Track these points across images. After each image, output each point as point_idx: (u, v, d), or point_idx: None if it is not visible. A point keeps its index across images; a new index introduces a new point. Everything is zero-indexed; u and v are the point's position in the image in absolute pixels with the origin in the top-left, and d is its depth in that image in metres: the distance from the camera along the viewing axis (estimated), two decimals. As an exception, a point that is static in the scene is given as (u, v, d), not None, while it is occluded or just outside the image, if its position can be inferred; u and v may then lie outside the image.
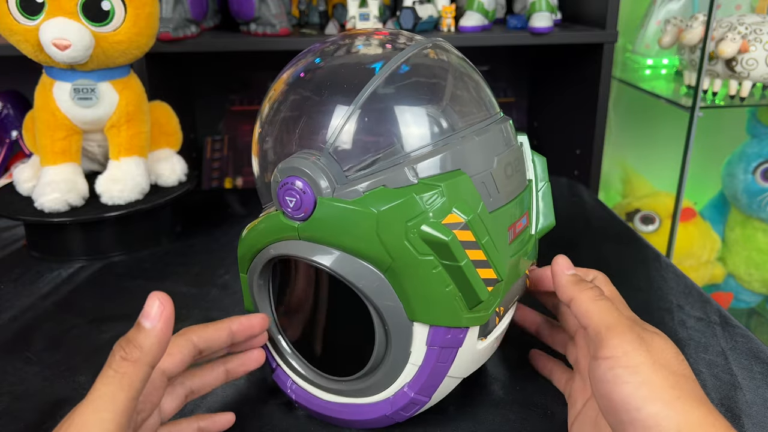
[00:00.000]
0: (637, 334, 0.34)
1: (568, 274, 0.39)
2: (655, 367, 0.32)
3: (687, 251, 1.34)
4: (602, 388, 0.33)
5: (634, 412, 0.31)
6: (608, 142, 1.24)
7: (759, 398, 0.44)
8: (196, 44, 0.97)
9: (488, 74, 1.38)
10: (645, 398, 0.31)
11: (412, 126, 0.35)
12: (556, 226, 0.43)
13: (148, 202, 0.70)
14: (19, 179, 0.73)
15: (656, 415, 0.31)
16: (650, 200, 1.40)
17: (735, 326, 0.53)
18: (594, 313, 0.35)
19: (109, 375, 0.30)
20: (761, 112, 1.32)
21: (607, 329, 0.34)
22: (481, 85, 0.40)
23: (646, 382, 0.32)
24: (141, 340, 0.31)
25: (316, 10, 1.11)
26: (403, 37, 0.40)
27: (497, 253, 0.35)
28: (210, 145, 1.31)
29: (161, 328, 0.32)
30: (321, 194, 0.35)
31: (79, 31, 0.61)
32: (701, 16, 1.11)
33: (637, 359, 0.32)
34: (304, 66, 0.39)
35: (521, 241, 0.39)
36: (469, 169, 0.35)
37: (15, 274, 0.65)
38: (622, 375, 0.32)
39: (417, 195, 0.33)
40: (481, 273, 0.34)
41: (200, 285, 0.63)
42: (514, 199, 0.38)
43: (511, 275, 0.38)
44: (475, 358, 0.39)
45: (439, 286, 0.34)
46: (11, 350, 0.51)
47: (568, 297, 0.37)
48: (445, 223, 0.33)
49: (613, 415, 0.33)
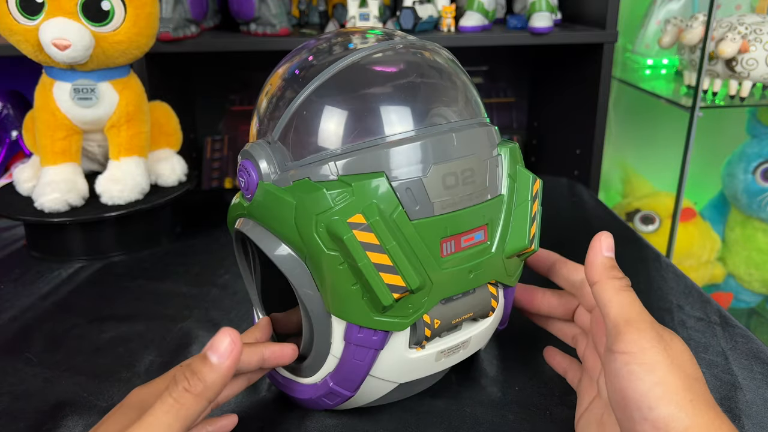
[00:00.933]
0: (656, 332, 0.33)
1: (605, 255, 0.37)
2: (672, 368, 0.32)
3: (687, 251, 1.34)
4: (616, 382, 0.33)
5: (646, 410, 0.31)
6: (608, 142, 1.24)
7: (759, 398, 0.44)
8: (196, 44, 0.97)
9: (488, 74, 1.38)
10: (659, 398, 0.31)
11: (345, 125, 0.36)
12: (555, 226, 0.43)
13: (148, 202, 0.70)
14: (19, 179, 0.73)
15: (668, 417, 0.31)
16: (650, 200, 1.40)
17: (735, 326, 0.53)
18: (615, 304, 0.35)
19: (168, 403, 0.31)
20: (761, 112, 1.32)
21: (626, 323, 0.34)
22: (453, 91, 0.39)
23: (661, 382, 0.31)
24: (206, 374, 0.31)
25: (316, 10, 1.11)
26: (397, 37, 0.40)
27: (408, 261, 0.34)
28: (210, 145, 1.31)
29: (228, 367, 0.32)
30: (262, 179, 0.37)
31: (79, 31, 0.61)
32: (701, 16, 1.11)
33: (654, 358, 0.32)
34: (290, 62, 0.41)
35: (468, 257, 0.37)
36: (393, 174, 0.34)
37: (15, 274, 0.65)
38: (637, 372, 0.32)
39: (327, 191, 0.34)
40: (386, 278, 0.34)
41: (200, 285, 0.63)
42: (456, 212, 0.36)
43: (447, 289, 0.37)
44: (413, 367, 0.39)
45: (345, 283, 0.35)
46: (11, 350, 0.51)
47: (595, 279, 0.36)
48: (349, 221, 0.33)
49: (624, 411, 0.32)
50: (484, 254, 0.37)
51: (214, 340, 0.32)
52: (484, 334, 0.42)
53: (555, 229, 0.78)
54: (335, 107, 0.36)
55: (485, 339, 0.43)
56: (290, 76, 0.39)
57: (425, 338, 0.37)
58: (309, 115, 0.36)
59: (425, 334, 0.37)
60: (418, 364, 0.39)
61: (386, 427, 0.41)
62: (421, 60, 0.39)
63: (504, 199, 0.38)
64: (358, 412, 0.43)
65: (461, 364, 0.44)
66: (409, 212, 0.34)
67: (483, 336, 0.42)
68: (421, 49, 0.40)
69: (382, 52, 0.38)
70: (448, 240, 0.36)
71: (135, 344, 0.52)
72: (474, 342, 0.41)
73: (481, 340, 0.42)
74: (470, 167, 0.36)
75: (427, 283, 0.35)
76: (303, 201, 0.35)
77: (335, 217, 0.34)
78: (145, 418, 0.30)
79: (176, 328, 0.54)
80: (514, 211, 0.39)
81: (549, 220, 0.81)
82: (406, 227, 0.34)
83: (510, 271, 0.40)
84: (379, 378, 0.39)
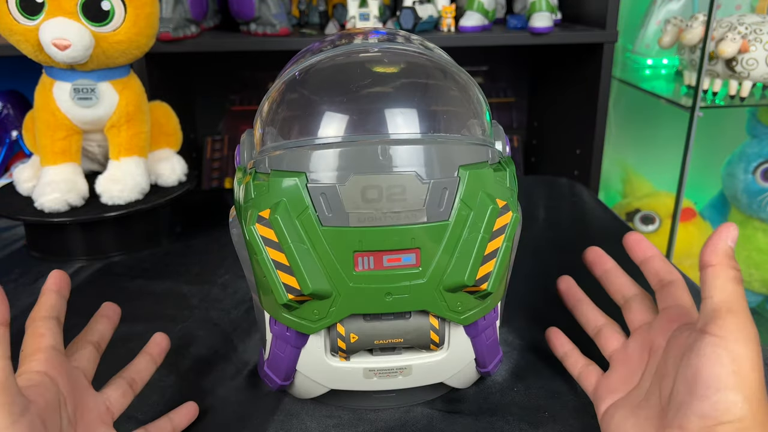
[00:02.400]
0: (754, 331, 0.34)
1: (730, 243, 0.37)
2: (754, 365, 0.33)
3: (687, 251, 1.34)
4: (695, 360, 0.33)
5: (712, 390, 0.32)
6: (608, 142, 1.24)
7: (759, 398, 0.44)
8: (196, 44, 0.97)
9: (488, 74, 1.38)
10: (729, 386, 0.32)
11: (288, 123, 0.37)
12: (555, 226, 0.43)
13: (148, 202, 0.70)
14: (19, 179, 0.73)
15: (730, 403, 0.31)
16: (650, 200, 1.40)
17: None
18: (727, 292, 0.35)
19: None
20: (761, 112, 1.32)
21: (728, 311, 0.34)
22: (418, 102, 0.36)
23: (740, 373, 0.32)
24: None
25: (316, 10, 1.11)
26: (400, 38, 0.40)
27: (308, 265, 0.34)
28: (210, 145, 1.31)
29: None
30: (239, 163, 0.40)
31: (79, 31, 0.61)
32: (701, 16, 1.11)
33: (743, 352, 0.33)
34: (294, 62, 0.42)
35: (389, 278, 0.35)
36: (313, 177, 0.34)
37: (15, 274, 0.65)
38: (722, 357, 0.32)
39: (252, 182, 0.35)
40: (282, 277, 0.34)
41: (200, 285, 0.63)
42: (376, 227, 0.33)
43: (359, 305, 0.35)
44: (338, 376, 0.39)
45: (258, 273, 0.36)
46: (11, 350, 0.51)
47: (713, 261, 0.36)
48: (260, 214, 0.34)
49: (687, 385, 0.33)
50: (411, 279, 0.35)
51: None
52: (435, 369, 0.39)
53: (555, 229, 0.78)
54: (286, 105, 0.37)
55: (447, 375, 0.40)
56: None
57: (340, 350, 0.36)
58: (269, 110, 0.38)
59: (339, 345, 0.36)
60: (343, 375, 0.39)
61: (385, 427, 0.41)
62: (396, 66, 0.37)
63: (449, 226, 0.34)
64: (357, 413, 0.43)
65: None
66: (322, 218, 0.34)
67: (435, 370, 0.39)
68: (413, 54, 0.38)
69: (354, 54, 0.38)
70: (364, 255, 0.34)
71: (135, 344, 0.52)
72: (421, 373, 0.39)
73: (433, 373, 0.40)
74: (401, 184, 0.33)
75: (331, 292, 0.34)
76: (239, 189, 0.38)
77: (251, 209, 0.35)
78: None
79: (176, 328, 0.54)
80: (462, 241, 0.35)
81: (549, 220, 0.82)
82: (313, 232, 0.34)
83: (455, 306, 0.36)
84: (307, 377, 0.40)
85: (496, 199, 0.35)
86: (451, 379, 0.41)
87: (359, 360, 0.38)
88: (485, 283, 0.35)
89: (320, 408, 0.43)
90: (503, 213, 0.35)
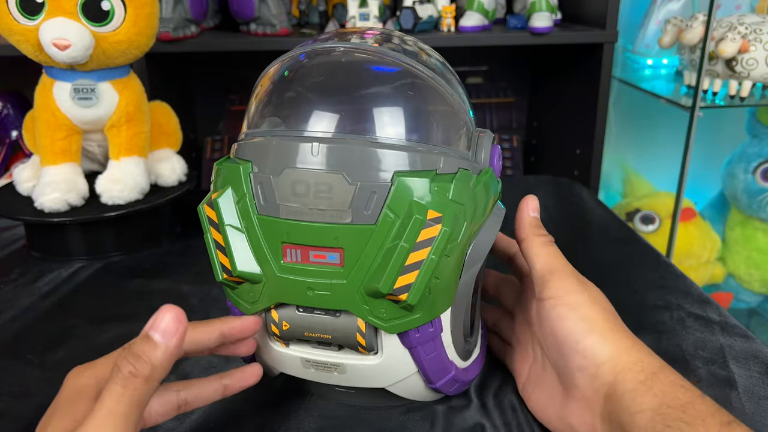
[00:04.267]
0: (577, 278, 0.38)
1: (532, 215, 0.42)
2: (592, 305, 0.37)
3: (687, 251, 1.34)
4: (547, 326, 0.38)
5: (574, 343, 0.36)
6: (608, 142, 1.24)
7: (754, 397, 0.44)
8: (196, 44, 0.97)
9: (488, 74, 1.38)
10: (584, 331, 0.36)
11: (252, 114, 0.39)
12: (555, 226, 0.43)
13: (148, 202, 0.70)
14: (19, 179, 0.73)
15: (594, 345, 0.35)
16: (650, 200, 1.40)
17: (734, 326, 0.53)
18: (542, 257, 0.39)
19: (118, 392, 0.28)
20: (761, 112, 1.32)
21: (550, 272, 0.38)
22: (372, 105, 0.35)
23: (584, 318, 0.36)
24: (150, 353, 0.29)
25: (316, 10, 1.12)
26: (395, 38, 0.40)
27: (239, 248, 0.36)
28: (210, 145, 1.31)
29: (175, 345, 0.30)
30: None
31: (79, 31, 0.61)
32: (701, 16, 1.11)
33: (577, 298, 0.37)
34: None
35: (312, 273, 0.35)
36: (256, 167, 0.35)
37: (15, 274, 0.65)
38: (563, 312, 0.37)
39: (216, 167, 0.38)
40: (220, 256, 0.37)
41: (200, 285, 0.63)
42: (302, 222, 0.34)
43: (283, 294, 0.36)
44: (282, 361, 0.40)
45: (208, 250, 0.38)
46: (11, 350, 0.51)
47: (522, 236, 0.41)
48: (211, 196, 0.37)
49: (557, 350, 0.37)
50: (333, 278, 0.35)
51: (155, 317, 0.30)
52: (370, 373, 0.39)
53: (554, 229, 0.78)
54: (254, 97, 0.39)
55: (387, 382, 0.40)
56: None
57: (275, 335, 0.38)
58: (250, 101, 0.40)
59: (272, 330, 0.38)
60: (286, 361, 0.40)
61: (384, 427, 0.42)
62: (354, 67, 0.37)
63: (373, 231, 0.34)
64: (355, 413, 0.43)
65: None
66: (258, 206, 0.35)
67: (370, 374, 0.39)
68: (383, 57, 0.37)
69: (320, 53, 0.38)
70: (292, 247, 0.35)
71: (135, 344, 0.52)
72: (356, 374, 0.39)
73: (369, 377, 0.39)
74: (328, 183, 0.33)
75: (260, 278, 0.36)
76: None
77: (212, 191, 0.38)
78: (96, 412, 0.28)
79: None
80: (385, 248, 0.34)
81: (549, 220, 0.82)
82: (249, 218, 0.36)
83: (379, 312, 0.35)
84: (261, 357, 0.41)
85: (428, 210, 0.34)
86: (396, 388, 0.40)
87: (297, 348, 0.39)
88: (405, 294, 0.34)
89: (320, 408, 0.43)
90: (431, 225, 0.34)
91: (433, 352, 0.38)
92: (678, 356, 0.48)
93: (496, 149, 0.40)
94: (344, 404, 0.44)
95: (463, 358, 0.41)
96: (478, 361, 0.44)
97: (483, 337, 0.46)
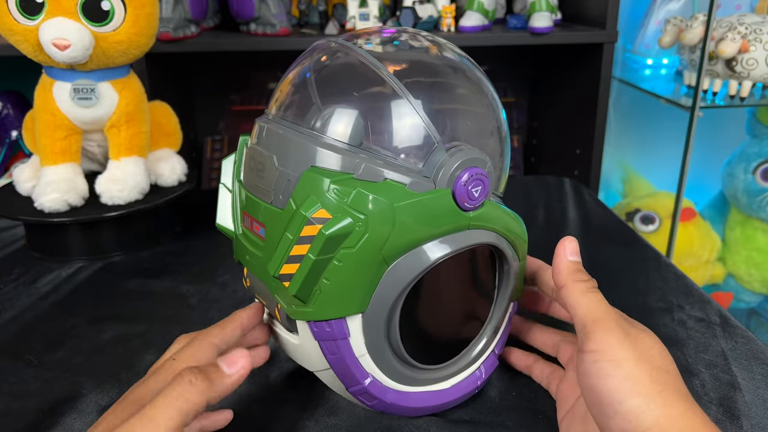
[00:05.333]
0: (623, 329, 0.34)
1: (570, 259, 0.38)
2: (639, 362, 0.33)
3: (687, 251, 1.34)
4: (587, 380, 0.34)
5: (616, 405, 0.32)
6: (608, 142, 1.24)
7: (758, 399, 0.44)
8: (196, 44, 0.97)
9: (488, 74, 1.37)
10: (627, 392, 0.32)
11: (274, 94, 0.41)
12: (555, 226, 0.43)
13: (148, 202, 0.70)
14: (19, 179, 0.73)
15: (637, 409, 0.31)
16: (650, 200, 1.40)
17: (735, 327, 0.53)
18: (583, 305, 0.36)
19: (172, 396, 0.31)
20: (761, 112, 1.32)
21: (593, 322, 0.35)
22: (332, 102, 0.36)
23: (629, 377, 0.32)
24: (213, 377, 0.32)
25: (316, 10, 1.11)
26: (406, 35, 0.40)
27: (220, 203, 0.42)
28: (210, 145, 1.31)
29: (236, 380, 0.34)
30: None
31: (79, 31, 0.61)
32: (701, 16, 1.11)
33: (622, 353, 0.33)
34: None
35: (250, 241, 0.39)
36: (251, 140, 0.40)
37: (15, 274, 0.65)
38: (606, 368, 0.33)
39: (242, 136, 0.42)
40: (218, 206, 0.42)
41: (200, 285, 0.63)
42: (248, 192, 0.39)
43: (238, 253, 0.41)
44: (289, 347, 0.42)
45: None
46: (11, 350, 0.51)
47: (561, 283, 0.38)
48: (224, 159, 0.43)
49: (598, 408, 0.33)
50: (257, 249, 0.38)
51: (231, 355, 0.34)
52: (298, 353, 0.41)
53: (555, 229, 0.78)
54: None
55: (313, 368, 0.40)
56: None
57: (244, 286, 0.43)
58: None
59: (244, 282, 0.43)
60: (291, 347, 0.41)
61: (382, 427, 0.41)
62: (341, 65, 0.38)
63: (281, 215, 0.35)
64: (356, 414, 0.43)
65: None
66: (241, 173, 0.40)
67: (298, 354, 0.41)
68: (367, 59, 0.37)
69: (324, 49, 0.40)
70: (245, 214, 0.39)
71: (135, 344, 0.52)
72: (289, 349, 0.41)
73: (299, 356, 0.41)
74: (262, 162, 0.37)
75: (232, 234, 0.41)
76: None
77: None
78: (146, 410, 0.30)
79: (176, 328, 0.54)
80: (283, 234, 0.35)
81: (549, 220, 0.82)
82: (234, 182, 0.41)
83: (282, 294, 0.37)
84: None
85: (321, 209, 0.34)
86: (323, 377, 0.41)
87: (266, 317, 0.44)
88: (287, 282, 0.35)
89: (319, 411, 0.43)
90: (313, 223, 0.34)
91: (337, 353, 0.37)
92: (680, 360, 0.48)
93: (470, 171, 0.36)
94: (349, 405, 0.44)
95: (395, 380, 0.40)
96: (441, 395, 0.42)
97: (478, 378, 0.44)
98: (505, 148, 0.41)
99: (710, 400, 0.44)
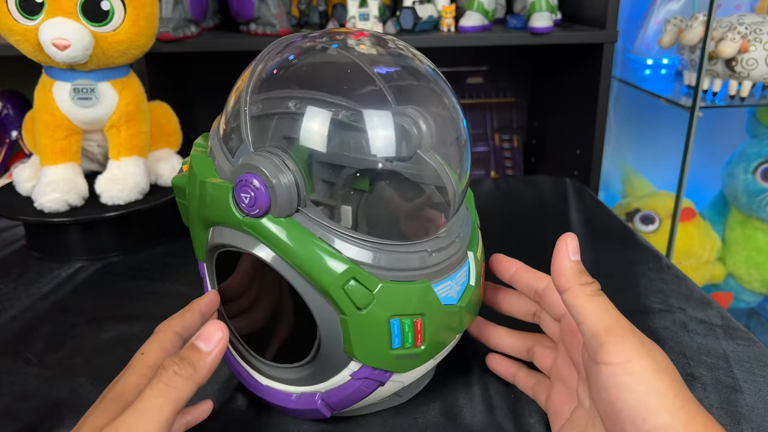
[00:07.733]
0: (639, 339, 0.32)
1: (573, 259, 0.36)
2: (658, 374, 0.31)
3: (687, 251, 1.34)
4: (604, 395, 0.32)
5: (639, 422, 0.30)
6: (608, 142, 1.24)
7: (760, 402, 0.44)
8: (196, 44, 0.97)
9: (488, 74, 1.37)
10: (652, 409, 0.30)
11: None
12: (554, 226, 0.43)
13: (148, 202, 0.70)
14: (19, 179, 0.72)
15: (663, 427, 0.30)
16: (650, 200, 1.40)
17: (737, 329, 0.53)
18: (591, 311, 0.34)
19: (159, 387, 0.31)
20: (761, 112, 1.32)
21: (606, 331, 0.33)
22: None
23: (652, 391, 0.31)
24: (195, 359, 0.33)
25: (316, 10, 1.11)
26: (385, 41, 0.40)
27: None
28: (210, 144, 1.31)
29: (218, 354, 0.34)
30: None
31: (79, 31, 0.61)
32: (701, 16, 1.11)
33: (641, 366, 0.31)
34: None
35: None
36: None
37: (15, 274, 0.65)
38: (626, 382, 0.31)
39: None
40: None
41: (200, 285, 0.62)
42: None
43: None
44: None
45: None
46: (11, 350, 0.51)
47: (564, 286, 0.35)
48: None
49: (615, 423, 0.32)
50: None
51: (204, 330, 0.35)
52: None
53: (554, 229, 0.78)
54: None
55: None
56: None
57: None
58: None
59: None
60: None
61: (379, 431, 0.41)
62: (350, 66, 0.38)
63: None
64: (346, 419, 0.43)
65: (455, 367, 0.44)
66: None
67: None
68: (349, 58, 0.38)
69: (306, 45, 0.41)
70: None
71: (135, 344, 0.51)
72: None
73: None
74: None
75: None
76: None
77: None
78: (136, 403, 0.31)
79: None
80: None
81: (548, 220, 0.81)
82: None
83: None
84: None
85: (185, 165, 0.43)
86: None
87: None
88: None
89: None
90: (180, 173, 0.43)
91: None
92: (682, 362, 0.48)
93: (245, 178, 0.35)
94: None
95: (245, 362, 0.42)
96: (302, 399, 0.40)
97: (361, 381, 0.38)
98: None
99: (711, 403, 0.44)
